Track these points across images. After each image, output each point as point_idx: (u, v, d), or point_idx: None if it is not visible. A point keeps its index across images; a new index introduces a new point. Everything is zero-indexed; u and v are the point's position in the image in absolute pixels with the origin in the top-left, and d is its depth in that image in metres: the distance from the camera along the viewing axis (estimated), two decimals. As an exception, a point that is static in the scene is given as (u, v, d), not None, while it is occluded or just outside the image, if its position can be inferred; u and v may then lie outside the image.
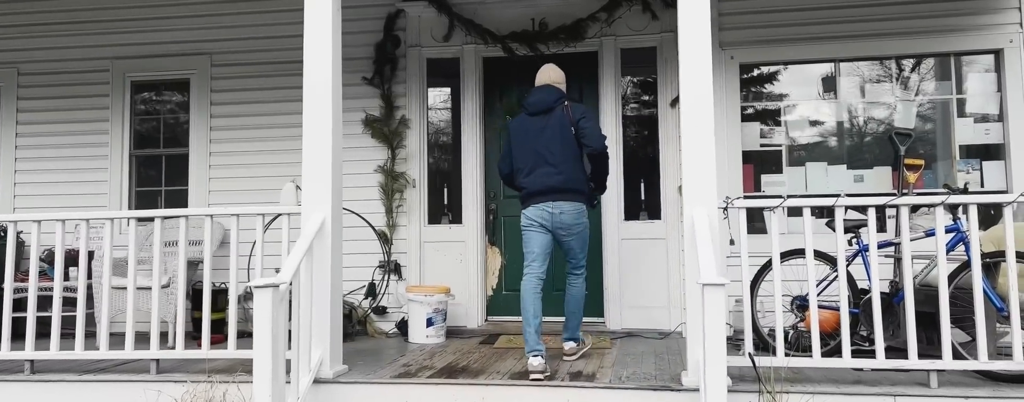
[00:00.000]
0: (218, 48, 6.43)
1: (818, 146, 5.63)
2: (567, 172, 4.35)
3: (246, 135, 6.28)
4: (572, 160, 4.38)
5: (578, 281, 4.65)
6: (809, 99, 5.66)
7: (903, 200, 3.77)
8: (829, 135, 5.64)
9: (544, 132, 4.40)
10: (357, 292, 6.00)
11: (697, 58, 3.92)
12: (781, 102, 5.66)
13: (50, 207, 6.44)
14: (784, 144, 5.62)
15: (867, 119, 5.61)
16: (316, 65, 4.26)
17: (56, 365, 4.56)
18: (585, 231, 4.53)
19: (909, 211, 4.83)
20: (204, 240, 4.43)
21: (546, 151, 4.36)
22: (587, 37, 5.95)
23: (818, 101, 5.65)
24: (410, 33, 6.18)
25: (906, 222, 3.81)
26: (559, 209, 4.36)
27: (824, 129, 5.64)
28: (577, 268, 4.63)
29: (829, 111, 5.63)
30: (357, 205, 6.01)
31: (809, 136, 5.64)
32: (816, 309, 3.88)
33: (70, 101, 6.62)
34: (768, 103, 5.69)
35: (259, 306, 3.54)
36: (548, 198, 4.35)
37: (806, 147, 5.63)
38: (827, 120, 5.63)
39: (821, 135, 5.64)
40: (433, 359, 4.67)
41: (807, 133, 5.64)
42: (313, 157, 4.22)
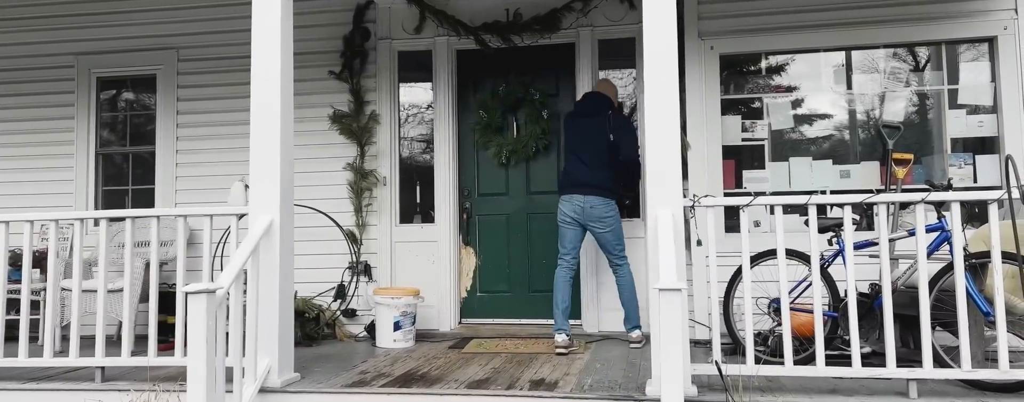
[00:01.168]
0: (185, 42, 6.23)
1: (803, 140, 5.38)
2: (597, 172, 4.91)
3: (214, 132, 6.07)
4: (603, 163, 4.93)
5: (624, 270, 5.02)
6: (793, 91, 5.41)
7: (879, 197, 3.54)
8: (814, 129, 5.39)
9: (585, 134, 4.98)
10: (326, 294, 5.80)
11: (661, 44, 3.67)
12: (764, 94, 5.41)
13: (15, 207, 6.25)
14: (767, 138, 5.37)
15: (854, 111, 5.36)
16: (264, 58, 4.06)
17: (5, 372, 4.38)
18: (617, 224, 4.98)
19: (898, 208, 4.64)
20: (151, 241, 4.24)
21: (582, 151, 4.95)
22: (563, 28, 5.72)
23: (803, 93, 5.40)
24: (380, 25, 5.96)
25: (884, 220, 3.58)
26: (590, 203, 4.89)
27: (809, 122, 5.39)
28: (619, 258, 5.02)
29: (814, 104, 5.38)
30: (325, 204, 5.81)
31: (793, 130, 5.39)
32: (787, 313, 3.65)
33: (35, 98, 6.43)
34: (750, 95, 5.44)
35: (193, 313, 3.33)
36: (580, 191, 4.90)
37: (790, 141, 5.39)
38: (812, 113, 5.38)
39: (806, 129, 5.39)
40: (394, 365, 4.47)
41: (791, 127, 5.39)
42: (261, 156, 4.02)
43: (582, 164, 4.93)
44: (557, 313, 4.89)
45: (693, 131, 5.32)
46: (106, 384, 4.14)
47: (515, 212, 5.91)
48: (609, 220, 4.91)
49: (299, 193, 5.70)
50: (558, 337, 4.76)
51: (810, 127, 5.38)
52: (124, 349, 4.20)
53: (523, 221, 5.90)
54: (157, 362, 4.12)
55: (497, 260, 5.90)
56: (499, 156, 5.81)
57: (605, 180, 4.91)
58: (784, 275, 3.65)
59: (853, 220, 4.68)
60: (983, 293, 3.68)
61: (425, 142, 6.03)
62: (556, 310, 4.90)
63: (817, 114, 5.38)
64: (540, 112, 5.78)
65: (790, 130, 5.39)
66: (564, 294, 4.95)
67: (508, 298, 5.89)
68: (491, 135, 5.83)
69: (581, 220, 4.93)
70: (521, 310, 5.85)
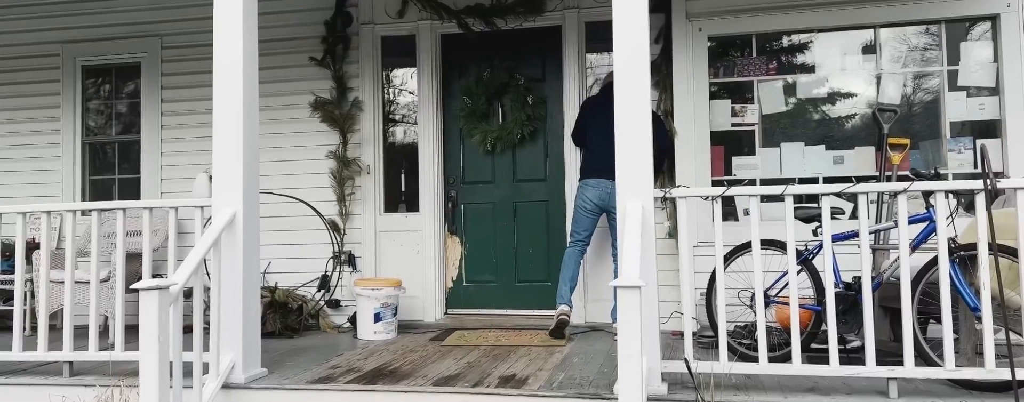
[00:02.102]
0: (168, 30, 6.15)
1: (794, 125, 5.17)
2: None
3: (198, 120, 5.94)
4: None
5: None
6: (784, 73, 5.20)
7: (858, 188, 3.36)
8: (807, 113, 5.18)
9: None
10: (310, 284, 5.73)
11: (631, 24, 3.50)
12: (755, 78, 5.20)
13: (3, 198, 6.22)
14: (757, 123, 5.17)
15: (848, 95, 5.14)
16: (225, 46, 3.92)
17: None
18: None
19: (890, 196, 4.45)
20: (117, 232, 4.16)
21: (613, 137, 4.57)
22: (548, 10, 5.55)
23: (794, 76, 5.19)
24: (363, 9, 5.82)
25: (864, 210, 3.39)
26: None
27: (801, 106, 5.18)
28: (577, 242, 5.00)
29: (807, 87, 5.17)
30: (307, 193, 5.73)
31: (785, 114, 5.18)
32: (763, 310, 3.49)
33: (20, 87, 6.39)
34: (740, 78, 5.23)
35: (145, 310, 3.25)
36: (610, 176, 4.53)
37: (782, 126, 5.18)
38: (805, 97, 5.17)
39: (798, 113, 5.18)
40: (368, 359, 4.37)
41: (782, 111, 5.18)
42: (223, 147, 3.91)
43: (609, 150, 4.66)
44: (565, 288, 4.94)
45: (680, 116, 5.15)
46: (74, 379, 4.09)
47: (501, 200, 5.78)
48: None
49: (280, 182, 5.68)
50: (561, 307, 4.86)
51: (802, 111, 5.17)
52: (91, 343, 4.13)
53: (509, 209, 5.77)
54: (123, 356, 4.05)
55: (483, 249, 5.78)
56: (484, 143, 5.67)
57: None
58: (759, 267, 3.49)
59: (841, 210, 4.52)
60: (973, 286, 3.50)
61: (409, 129, 5.90)
62: (564, 285, 4.95)
63: (810, 97, 5.17)
64: (525, 98, 5.62)
65: (782, 115, 5.18)
66: (573, 272, 5.00)
67: (494, 288, 5.78)
68: (476, 122, 5.69)
69: (604, 205, 4.93)
70: (507, 301, 5.74)
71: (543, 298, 5.65)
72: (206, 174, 4.93)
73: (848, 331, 3.98)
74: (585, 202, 4.97)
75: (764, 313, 3.49)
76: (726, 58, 5.26)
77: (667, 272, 4.87)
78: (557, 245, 5.59)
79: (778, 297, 4.11)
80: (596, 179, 4.94)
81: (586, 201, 4.97)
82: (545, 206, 5.68)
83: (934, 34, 5.01)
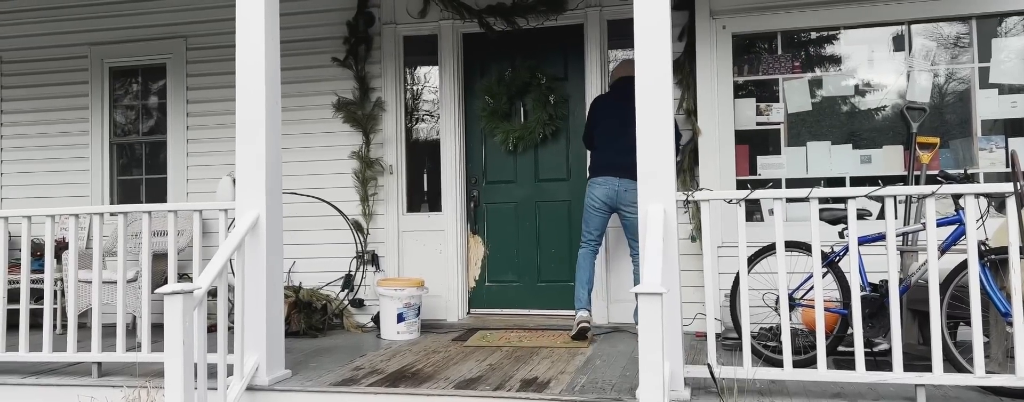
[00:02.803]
0: (193, 31, 6.19)
1: (821, 123, 5.09)
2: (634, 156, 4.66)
3: (223, 120, 5.95)
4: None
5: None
6: (811, 71, 5.12)
7: (885, 190, 3.29)
8: (833, 111, 5.09)
9: (622, 118, 4.71)
10: (335, 284, 5.76)
11: (652, 21, 3.46)
12: (780, 76, 5.13)
13: (34, 197, 6.35)
14: (783, 122, 5.10)
15: (876, 92, 5.04)
16: (248, 52, 3.95)
17: (4, 366, 4.42)
18: None
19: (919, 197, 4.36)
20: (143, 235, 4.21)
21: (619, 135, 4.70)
22: (569, 8, 5.50)
23: (820, 73, 5.10)
24: (385, 9, 5.82)
25: (891, 213, 3.33)
26: (625, 186, 4.80)
27: (828, 104, 5.09)
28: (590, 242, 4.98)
29: (834, 85, 5.08)
30: (331, 193, 5.76)
31: (811, 112, 5.09)
32: (787, 313, 3.45)
33: (50, 89, 6.49)
34: (765, 76, 5.16)
35: (169, 314, 3.29)
36: (615, 173, 4.83)
37: (807, 124, 5.10)
38: (831, 94, 5.08)
39: (824, 111, 5.09)
40: (391, 360, 4.39)
41: (808, 109, 5.09)
42: (246, 151, 3.94)
43: (617, 147, 4.75)
44: (582, 291, 4.89)
45: (704, 115, 5.09)
46: (102, 379, 4.15)
47: (523, 200, 5.76)
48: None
49: (304, 182, 5.72)
50: (581, 313, 4.83)
51: (829, 109, 5.08)
52: (119, 344, 4.19)
53: (532, 209, 5.75)
54: (149, 358, 4.10)
55: (506, 249, 5.77)
56: (506, 143, 5.65)
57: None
58: (784, 271, 3.45)
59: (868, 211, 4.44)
60: (1004, 291, 3.42)
61: (431, 129, 5.90)
62: (582, 288, 4.90)
63: (837, 95, 5.08)
64: (547, 97, 5.59)
65: (808, 113, 5.10)
66: (590, 274, 4.95)
67: (517, 288, 5.77)
68: (498, 121, 5.67)
69: (613, 204, 4.89)
70: (530, 301, 5.72)
71: (565, 298, 5.62)
72: (230, 177, 4.97)
73: (875, 335, 3.92)
74: (594, 201, 4.92)
75: (789, 317, 3.44)
76: (750, 56, 5.19)
77: (690, 272, 4.83)
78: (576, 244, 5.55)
79: (803, 300, 4.06)
80: (603, 177, 4.89)
81: (594, 200, 4.92)
82: (567, 206, 5.66)
83: (965, 30, 4.89)
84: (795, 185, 4.94)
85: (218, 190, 5.17)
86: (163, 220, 5.13)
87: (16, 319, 4.38)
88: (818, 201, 3.40)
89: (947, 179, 3.73)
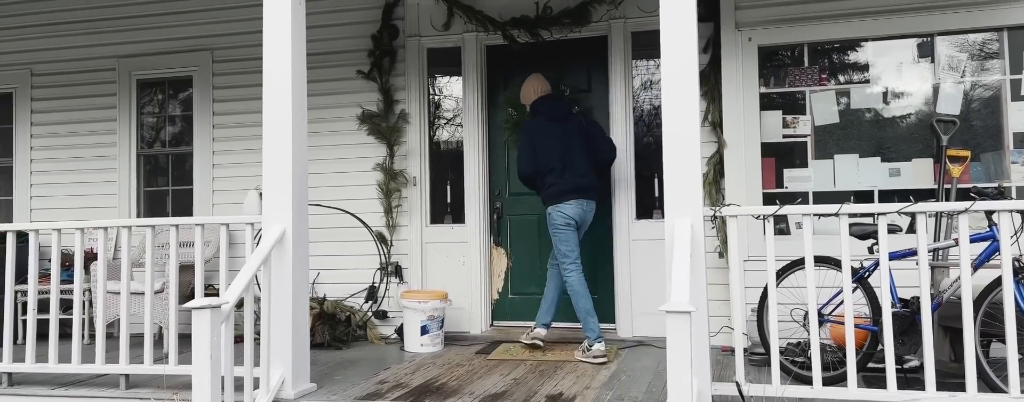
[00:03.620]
0: (219, 43, 6.25)
1: (849, 136, 5.03)
2: (590, 175, 4.93)
3: (248, 132, 6.02)
4: (592, 165, 4.96)
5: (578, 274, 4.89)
6: (839, 83, 5.07)
7: (917, 207, 3.25)
8: (861, 124, 5.03)
9: (567, 138, 4.89)
10: (358, 295, 5.78)
11: (679, 34, 3.46)
12: (806, 87, 5.08)
13: (63, 208, 6.44)
14: (810, 135, 5.05)
15: (904, 104, 4.98)
16: (275, 62, 3.99)
17: (35, 377, 4.48)
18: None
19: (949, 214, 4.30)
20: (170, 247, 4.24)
21: (572, 155, 4.88)
22: (594, 20, 5.49)
23: (848, 85, 5.05)
24: (409, 22, 5.85)
25: (923, 230, 3.29)
26: (591, 208, 4.93)
27: (855, 117, 5.03)
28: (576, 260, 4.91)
29: (860, 96, 5.02)
30: (355, 205, 5.78)
31: (838, 125, 5.04)
32: (816, 330, 3.40)
33: (79, 101, 6.57)
34: (791, 88, 5.11)
35: (197, 328, 3.31)
36: (582, 196, 4.86)
37: (835, 137, 5.04)
38: (859, 107, 5.02)
39: (852, 123, 5.03)
40: (415, 374, 4.39)
41: (836, 122, 5.04)
42: (273, 164, 3.97)
43: (576, 171, 4.84)
44: (591, 320, 4.73)
45: (730, 128, 5.05)
46: (130, 391, 4.20)
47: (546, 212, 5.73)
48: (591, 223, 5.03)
49: (329, 194, 5.74)
50: (598, 346, 4.62)
51: (857, 122, 5.03)
52: (146, 356, 4.22)
53: (555, 221, 5.72)
54: (176, 370, 4.13)
55: (529, 261, 5.76)
56: (529, 155, 5.63)
57: (595, 183, 4.98)
58: (813, 286, 3.40)
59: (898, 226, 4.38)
60: (1039, 308, 3.36)
61: (455, 141, 5.90)
62: (591, 318, 4.73)
63: (864, 108, 5.02)
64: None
65: (835, 125, 5.04)
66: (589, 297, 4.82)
67: (540, 300, 5.71)
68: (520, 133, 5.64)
69: (581, 222, 4.91)
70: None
71: (589, 311, 5.61)
72: (256, 191, 5.01)
73: (906, 352, 3.86)
74: (567, 219, 4.81)
75: (817, 341, 3.39)
76: (777, 68, 5.15)
77: (715, 286, 4.78)
78: (604, 257, 5.54)
79: (832, 316, 4.01)
80: (575, 200, 4.81)
81: (568, 219, 4.81)
82: (591, 218, 5.63)
83: (996, 42, 4.82)
84: (822, 199, 4.88)
85: (245, 203, 5.21)
86: (189, 231, 5.19)
87: (45, 329, 4.43)
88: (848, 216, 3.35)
89: (980, 195, 3.67)
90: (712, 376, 3.54)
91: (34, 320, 4.41)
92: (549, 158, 4.85)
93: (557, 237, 4.86)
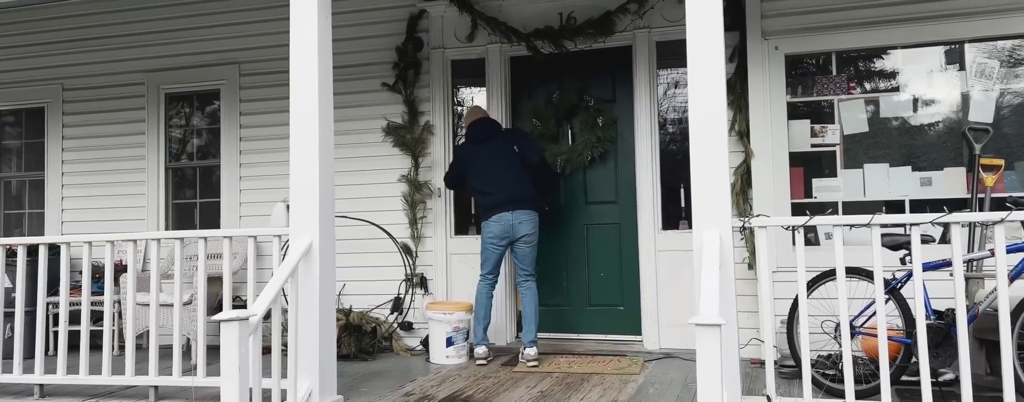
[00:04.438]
0: (246, 57, 6.32)
1: (878, 145, 4.96)
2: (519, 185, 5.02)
3: (275, 145, 6.08)
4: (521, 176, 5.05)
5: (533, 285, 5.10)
6: (868, 92, 5.01)
7: (951, 217, 3.19)
8: (891, 132, 4.96)
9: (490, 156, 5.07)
10: (384, 306, 5.79)
11: (705, 43, 3.43)
12: (835, 96, 5.02)
13: (93, 220, 6.54)
14: (838, 144, 4.99)
15: (935, 113, 4.90)
16: (302, 75, 4.00)
17: (66, 389, 4.53)
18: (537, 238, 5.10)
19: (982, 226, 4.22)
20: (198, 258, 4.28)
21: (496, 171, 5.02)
22: (618, 31, 5.48)
23: (877, 94, 4.99)
24: (433, 34, 5.87)
25: (957, 240, 3.23)
26: (519, 219, 4.99)
27: (885, 125, 4.97)
28: (531, 275, 5.10)
29: (890, 105, 4.95)
30: (380, 216, 5.80)
31: (867, 134, 4.97)
32: (848, 342, 3.35)
33: (109, 115, 6.67)
34: (819, 97, 5.06)
35: (226, 340, 3.32)
36: (506, 209, 4.97)
37: (864, 146, 4.98)
38: (889, 115, 4.95)
39: (881, 132, 4.97)
40: (441, 386, 4.38)
41: (865, 131, 4.97)
42: (300, 176, 3.98)
43: (503, 186, 4.99)
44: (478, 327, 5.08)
45: (757, 137, 5.01)
46: (159, 403, 4.23)
47: (572, 223, 5.73)
48: (534, 234, 5.06)
49: (354, 205, 5.76)
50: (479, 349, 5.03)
51: (886, 131, 4.96)
52: (175, 367, 4.25)
53: (580, 232, 5.71)
54: (205, 382, 4.16)
55: (554, 273, 5.74)
56: (554, 165, 5.63)
57: (527, 192, 5.04)
58: (844, 298, 3.35)
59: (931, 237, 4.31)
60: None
61: (479, 152, 5.90)
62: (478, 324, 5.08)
63: (894, 116, 4.95)
64: (595, 119, 5.56)
65: (864, 134, 4.98)
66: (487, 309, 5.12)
67: (566, 312, 5.73)
68: (545, 144, 5.65)
69: (509, 238, 5.02)
70: (579, 325, 5.67)
71: (615, 323, 5.58)
72: (284, 203, 5.05)
73: (940, 365, 3.79)
74: (491, 239, 5.03)
75: (850, 355, 3.34)
76: (804, 76, 5.10)
77: (743, 297, 4.73)
78: (630, 269, 5.51)
79: (864, 328, 3.95)
80: (497, 215, 4.98)
81: (492, 237, 5.02)
82: (617, 229, 5.61)
83: (1026, 48, 4.75)
84: (852, 209, 4.82)
85: (273, 215, 5.26)
86: (217, 243, 5.22)
87: (75, 340, 4.47)
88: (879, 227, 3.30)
89: (1016, 205, 3.60)
90: (742, 389, 3.49)
91: (65, 332, 4.47)
92: (476, 179, 5.11)
93: (481, 254, 5.13)
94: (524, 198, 5.00)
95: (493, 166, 5.05)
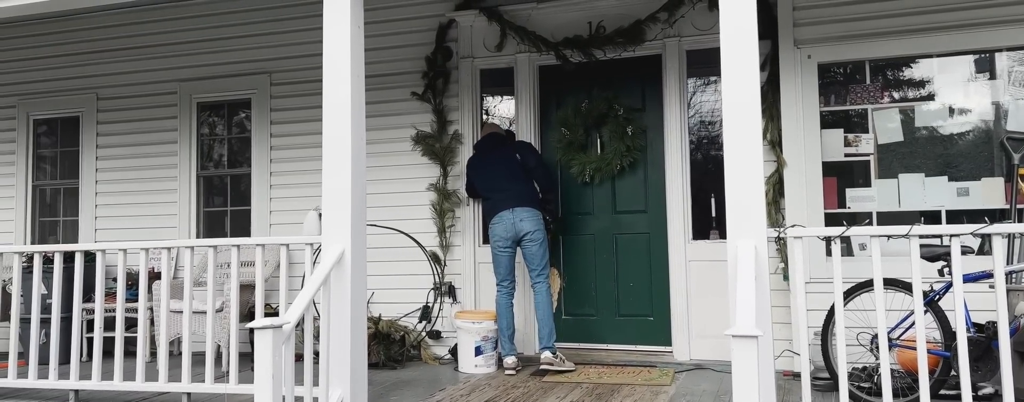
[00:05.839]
0: (277, 66, 6.39)
1: (913, 154, 4.89)
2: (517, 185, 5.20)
3: (306, 154, 6.13)
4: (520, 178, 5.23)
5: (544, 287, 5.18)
6: (902, 101, 4.95)
7: (992, 228, 3.13)
8: (927, 142, 4.90)
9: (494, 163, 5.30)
10: (412, 315, 5.79)
11: (740, 52, 3.38)
12: (868, 105, 4.97)
13: (126, 228, 6.63)
14: (872, 153, 4.93)
15: (971, 121, 4.83)
16: (335, 84, 4.01)
17: (100, 394, 4.58)
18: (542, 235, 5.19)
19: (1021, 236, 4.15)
20: (231, 266, 4.31)
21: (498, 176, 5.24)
22: (647, 39, 5.47)
23: (912, 103, 4.93)
24: (462, 44, 5.90)
25: (1000, 252, 3.17)
26: (519, 216, 5.12)
27: (920, 134, 4.90)
28: (542, 276, 5.18)
29: (925, 114, 4.90)
30: (409, 225, 5.82)
31: (902, 143, 4.91)
32: (886, 355, 3.29)
33: (142, 124, 6.77)
34: (853, 106, 5.01)
35: (259, 348, 3.34)
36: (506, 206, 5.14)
37: (899, 156, 4.92)
38: (923, 124, 4.89)
39: (916, 141, 4.90)
40: (470, 395, 4.37)
41: (900, 140, 4.91)
42: (333, 185, 3.99)
43: (503, 188, 5.19)
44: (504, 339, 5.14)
45: (790, 147, 4.97)
46: (191, 409, 4.26)
47: (601, 232, 5.71)
48: (538, 231, 5.14)
49: (383, 214, 5.79)
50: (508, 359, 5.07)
51: (921, 140, 4.90)
52: (207, 374, 4.28)
53: (609, 241, 5.68)
54: (237, 389, 4.18)
55: (583, 282, 5.71)
56: (583, 174, 5.61)
57: (529, 194, 5.18)
58: (882, 310, 3.30)
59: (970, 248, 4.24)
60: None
61: (508, 161, 5.91)
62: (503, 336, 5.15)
63: (929, 125, 4.89)
64: (625, 128, 5.54)
65: (899, 144, 4.92)
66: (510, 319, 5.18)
67: (595, 322, 5.69)
68: (574, 153, 5.64)
69: (514, 237, 5.13)
70: (608, 335, 5.64)
71: (645, 333, 5.54)
72: (316, 212, 5.10)
73: (980, 379, 3.72)
74: (497, 241, 5.16)
75: (888, 368, 3.28)
76: (837, 85, 5.05)
77: (776, 308, 4.67)
78: (660, 279, 5.47)
79: (901, 340, 3.89)
80: (498, 214, 5.15)
81: (498, 239, 5.15)
82: (647, 238, 5.57)
83: (1070, 55, 4.67)
84: (887, 219, 4.76)
85: (305, 223, 5.30)
86: (249, 251, 5.28)
87: (110, 346, 4.53)
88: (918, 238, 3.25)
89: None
90: (777, 402, 3.45)
91: (100, 338, 4.52)
92: (481, 185, 5.38)
93: (492, 261, 5.26)
94: (524, 198, 5.14)
95: (496, 172, 5.25)
